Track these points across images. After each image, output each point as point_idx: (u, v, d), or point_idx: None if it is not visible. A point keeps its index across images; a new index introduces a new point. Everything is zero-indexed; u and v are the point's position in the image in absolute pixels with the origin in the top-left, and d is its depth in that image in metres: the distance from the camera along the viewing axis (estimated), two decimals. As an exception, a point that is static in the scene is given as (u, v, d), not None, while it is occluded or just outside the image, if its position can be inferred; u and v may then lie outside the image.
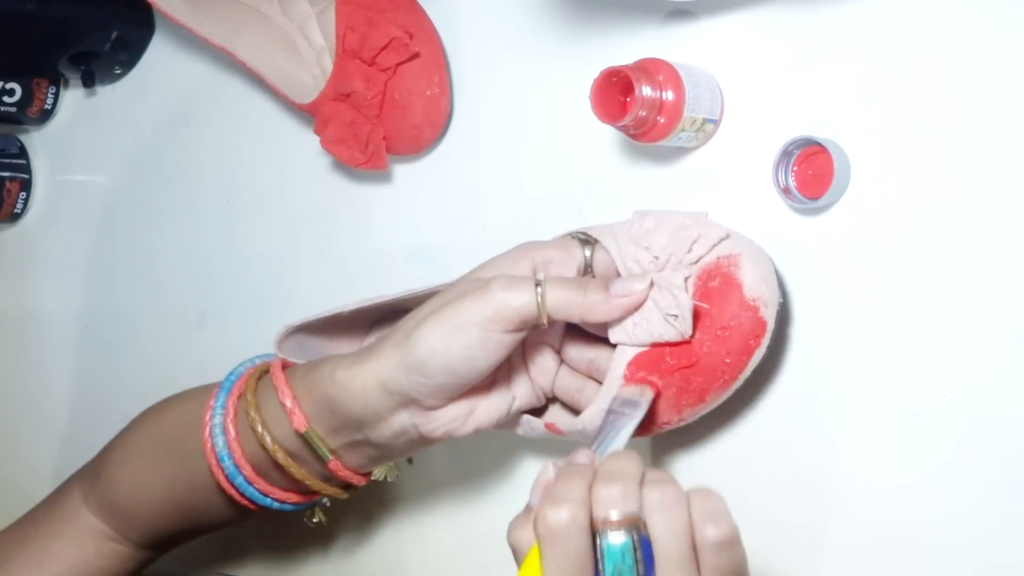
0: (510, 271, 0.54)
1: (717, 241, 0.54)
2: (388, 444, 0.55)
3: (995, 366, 0.51)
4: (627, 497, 0.42)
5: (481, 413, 0.55)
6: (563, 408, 0.59)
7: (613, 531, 0.41)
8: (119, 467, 0.63)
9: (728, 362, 0.53)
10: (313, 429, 0.55)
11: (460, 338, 0.51)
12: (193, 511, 0.62)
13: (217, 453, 0.57)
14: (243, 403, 0.58)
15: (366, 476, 0.59)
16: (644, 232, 0.54)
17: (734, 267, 0.53)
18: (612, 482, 0.42)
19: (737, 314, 0.52)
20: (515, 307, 0.50)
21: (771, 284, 0.53)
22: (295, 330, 0.61)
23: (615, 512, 0.41)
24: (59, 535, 0.64)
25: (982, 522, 0.51)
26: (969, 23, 0.52)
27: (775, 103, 0.57)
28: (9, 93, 0.85)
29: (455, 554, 0.70)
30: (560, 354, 0.58)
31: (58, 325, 0.92)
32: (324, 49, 0.72)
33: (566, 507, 0.41)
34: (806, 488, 0.56)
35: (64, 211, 0.91)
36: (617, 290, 0.52)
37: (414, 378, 0.52)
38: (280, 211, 0.78)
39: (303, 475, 0.57)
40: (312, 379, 0.55)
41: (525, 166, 0.66)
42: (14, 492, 0.95)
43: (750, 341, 0.52)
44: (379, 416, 0.53)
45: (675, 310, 0.51)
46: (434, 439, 0.55)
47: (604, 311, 0.52)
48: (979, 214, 0.51)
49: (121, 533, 0.64)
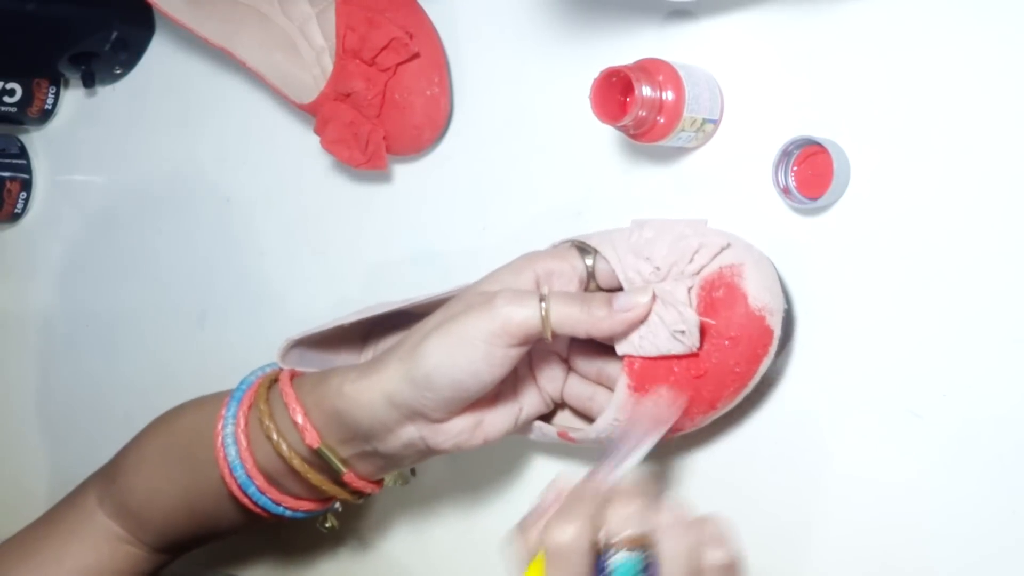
0: (513, 284, 0.54)
1: (719, 250, 0.53)
2: (397, 455, 0.55)
3: (995, 366, 0.51)
4: (639, 517, 0.44)
5: (488, 425, 0.55)
6: (573, 414, 0.59)
7: (625, 550, 0.44)
8: (133, 473, 0.63)
9: (737, 371, 0.53)
10: (326, 444, 0.56)
11: (465, 352, 0.51)
12: (206, 517, 0.62)
13: (230, 463, 0.58)
14: (255, 412, 0.58)
15: (378, 483, 0.60)
16: (644, 242, 0.54)
17: (737, 277, 0.52)
18: (626, 502, 0.45)
19: (743, 324, 0.52)
20: (519, 322, 0.51)
21: (775, 292, 0.53)
22: (296, 343, 0.61)
23: (628, 531, 0.44)
24: (75, 536, 0.64)
25: (982, 522, 0.51)
26: (969, 23, 0.51)
27: (775, 103, 0.57)
28: (9, 93, 0.85)
29: (457, 554, 0.70)
30: (568, 362, 0.58)
31: (58, 325, 0.92)
32: (324, 49, 0.72)
33: (574, 526, 0.44)
34: (806, 487, 0.56)
35: (64, 211, 0.91)
36: (620, 305, 0.52)
37: (420, 392, 0.52)
38: (280, 211, 0.78)
39: (320, 480, 0.57)
40: (320, 392, 0.56)
41: (525, 166, 0.66)
42: (14, 492, 0.95)
43: (758, 350, 0.52)
44: (387, 428, 0.54)
45: (682, 326, 0.51)
46: (443, 451, 0.55)
47: (608, 326, 0.52)
48: (979, 214, 0.51)
49: (135, 536, 0.64)
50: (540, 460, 0.67)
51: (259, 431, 0.57)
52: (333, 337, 0.63)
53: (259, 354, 0.64)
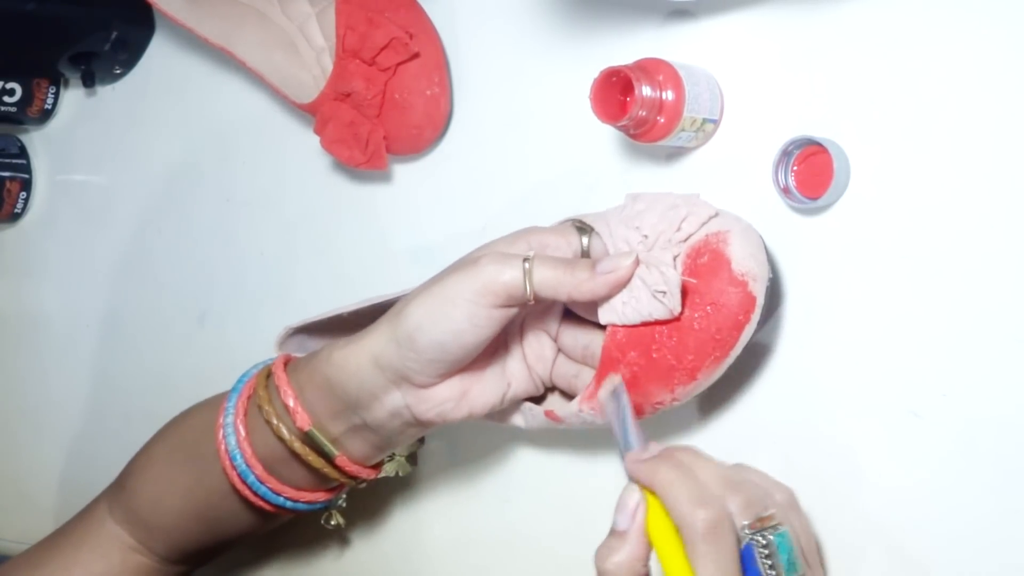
0: (506, 251, 0.54)
1: (706, 219, 0.54)
2: (383, 426, 0.55)
3: (995, 366, 0.51)
4: (768, 498, 0.48)
5: (475, 396, 0.55)
6: (562, 396, 0.59)
7: (779, 525, 0.47)
8: (140, 476, 0.64)
9: (718, 338, 0.52)
10: (316, 426, 0.56)
11: (448, 311, 0.51)
12: (213, 520, 0.62)
13: (229, 453, 0.58)
14: (255, 400, 0.58)
15: (375, 469, 0.60)
16: (635, 213, 0.55)
17: (723, 243, 0.53)
18: (754, 486, 0.48)
19: (726, 290, 0.52)
20: (502, 282, 0.51)
21: (760, 259, 0.53)
22: (296, 331, 0.61)
23: (771, 510, 0.47)
24: (85, 545, 0.64)
25: (981, 522, 0.51)
26: (968, 23, 0.52)
27: (775, 103, 0.57)
28: (9, 93, 0.85)
29: (457, 553, 0.70)
30: (556, 342, 0.58)
31: (58, 325, 0.92)
32: (324, 49, 0.72)
33: (715, 506, 0.45)
34: (805, 488, 0.56)
35: (64, 211, 0.91)
36: (603, 267, 0.52)
37: (404, 352, 0.52)
38: (280, 211, 0.78)
39: (320, 463, 0.57)
40: (312, 365, 0.56)
41: (525, 166, 0.66)
42: (14, 493, 0.95)
43: (739, 316, 0.52)
44: (373, 395, 0.54)
45: (663, 286, 0.51)
46: (427, 421, 0.55)
47: (590, 288, 0.52)
48: (978, 214, 0.51)
49: (145, 545, 0.64)
50: (541, 460, 0.67)
51: (258, 419, 0.57)
52: (332, 328, 0.63)
53: (259, 354, 0.64)
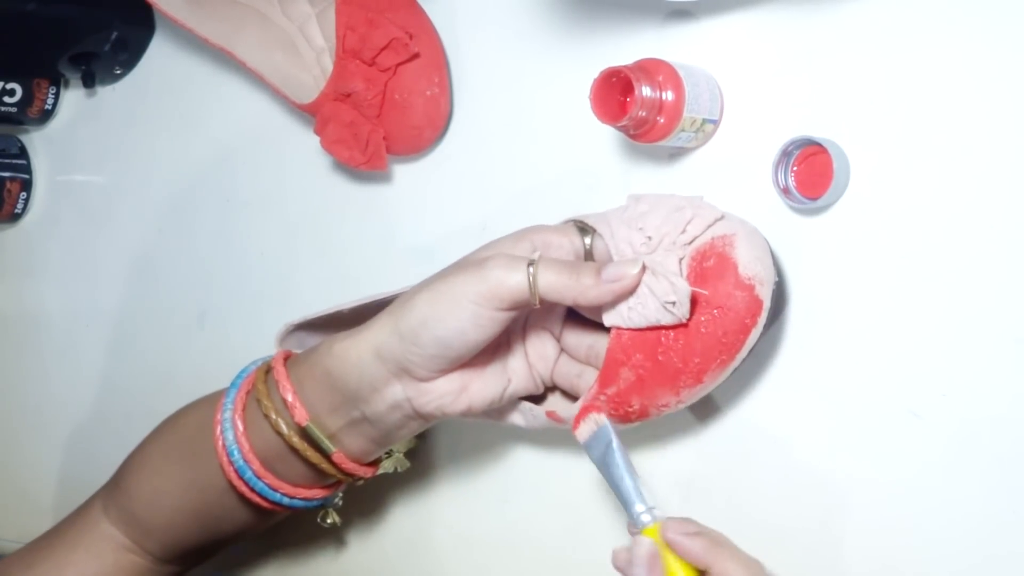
0: (510, 251, 0.54)
1: (712, 221, 0.54)
2: (383, 420, 0.55)
3: (995, 366, 0.51)
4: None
5: (474, 391, 0.55)
6: (563, 396, 0.59)
7: None
8: (136, 474, 0.63)
9: (725, 341, 0.52)
10: (314, 421, 0.56)
11: (453, 311, 0.51)
12: (209, 518, 0.62)
13: (227, 447, 0.58)
14: (253, 394, 0.58)
15: (372, 466, 0.59)
16: (638, 215, 0.54)
17: (729, 247, 0.53)
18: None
19: (732, 293, 0.52)
20: (509, 286, 0.51)
21: (766, 263, 0.53)
22: (296, 328, 0.61)
23: None
24: (79, 545, 0.64)
25: (981, 522, 0.51)
26: (968, 23, 0.52)
27: (775, 103, 0.57)
28: (9, 93, 0.85)
29: (457, 553, 0.70)
30: (560, 341, 0.58)
31: (58, 325, 0.92)
32: (324, 49, 0.72)
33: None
34: (805, 488, 0.56)
35: (64, 211, 0.91)
36: (608, 275, 0.51)
37: (406, 346, 0.52)
38: (280, 211, 0.78)
39: (318, 459, 0.57)
40: (312, 359, 0.56)
41: (525, 166, 0.66)
42: (14, 493, 0.95)
43: (746, 320, 0.52)
44: (373, 387, 0.54)
45: (672, 296, 0.51)
46: (427, 414, 0.55)
47: (595, 295, 0.52)
48: (979, 214, 0.51)
49: (140, 544, 0.64)
50: (541, 460, 0.67)
51: (256, 414, 0.57)
52: (332, 325, 0.63)
53: (259, 354, 0.64)
